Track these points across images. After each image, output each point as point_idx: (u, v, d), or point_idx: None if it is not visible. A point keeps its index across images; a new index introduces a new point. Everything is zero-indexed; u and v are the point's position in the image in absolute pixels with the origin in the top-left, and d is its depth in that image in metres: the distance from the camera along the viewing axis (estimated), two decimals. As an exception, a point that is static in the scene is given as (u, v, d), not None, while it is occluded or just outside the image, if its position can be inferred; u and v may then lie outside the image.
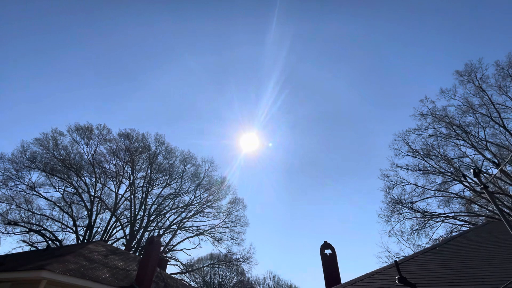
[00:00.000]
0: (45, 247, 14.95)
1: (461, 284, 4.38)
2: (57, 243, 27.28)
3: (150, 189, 34.22)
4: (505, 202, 22.63)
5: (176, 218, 34.03)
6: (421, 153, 26.67)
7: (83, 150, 31.57)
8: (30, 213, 27.23)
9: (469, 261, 5.46)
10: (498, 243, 6.38)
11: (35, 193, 28.10)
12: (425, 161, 26.34)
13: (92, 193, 31.13)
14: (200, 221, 34.44)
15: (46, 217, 28.23)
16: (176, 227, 33.47)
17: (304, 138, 73.89)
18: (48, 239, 27.19)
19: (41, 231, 27.21)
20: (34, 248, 24.59)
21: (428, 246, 18.97)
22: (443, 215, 24.14)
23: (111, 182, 33.06)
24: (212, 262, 42.37)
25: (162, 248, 31.01)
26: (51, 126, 44.31)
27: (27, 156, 28.06)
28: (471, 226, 20.44)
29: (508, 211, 21.23)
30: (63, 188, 29.92)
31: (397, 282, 4.73)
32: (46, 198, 28.65)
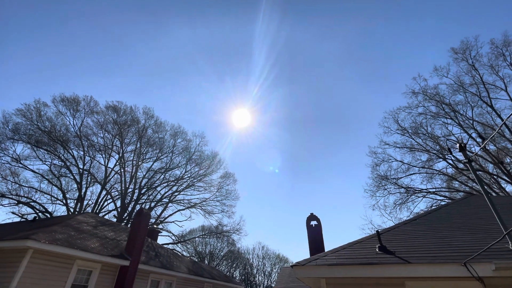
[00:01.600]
0: (32, 219, 14.89)
1: (437, 252, 4.57)
2: (48, 215, 27.33)
3: (140, 162, 34.02)
4: (484, 180, 23.71)
5: (167, 192, 34.37)
6: (410, 131, 27.14)
7: (69, 122, 30.60)
8: (17, 185, 26.87)
9: (447, 232, 5.70)
10: (476, 216, 6.66)
11: (20, 165, 27.51)
12: (413, 139, 26.90)
13: (81, 166, 30.75)
14: (191, 195, 34.94)
15: (34, 190, 27.96)
16: (167, 200, 33.91)
17: (296, 113, 73.64)
18: (38, 211, 27.17)
19: (30, 203, 27.07)
20: (23, 220, 24.56)
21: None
22: (425, 190, 25.21)
23: (100, 156, 32.62)
24: (203, 233, 43.78)
25: (153, 220, 31.60)
26: (34, 97, 42.34)
27: (10, 127, 27.03)
28: (450, 201, 21.48)
29: (486, 187, 22.31)
30: (50, 161, 29.37)
31: (377, 250, 4.90)
32: (32, 171, 28.16)
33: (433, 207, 23.70)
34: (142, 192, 33.16)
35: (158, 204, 33.58)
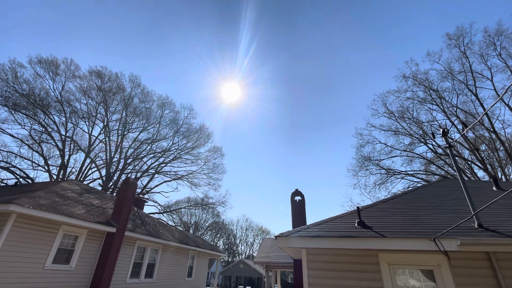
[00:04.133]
0: (14, 184, 14.57)
1: (410, 228, 4.93)
2: (29, 181, 26.77)
3: (126, 132, 33.25)
4: (460, 165, 25.06)
5: (153, 163, 34.18)
6: (396, 115, 27.76)
7: (49, 86, 28.93)
8: (-6, 149, 25.82)
9: (421, 211, 6.11)
10: (448, 197, 7.14)
11: (-2, 128, 26.23)
12: (398, 122, 27.61)
13: (63, 133, 29.70)
14: (178, 167, 34.98)
15: (14, 155, 27.02)
16: (154, 171, 33.86)
17: (286, 89, 72.91)
18: (19, 177, 26.50)
19: (10, 168, 26.28)
20: (3, 185, 23.97)
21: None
22: (404, 172, 26.48)
23: (84, 123, 31.51)
24: (189, 204, 44.66)
25: (139, 190, 31.71)
26: (8, 56, 39.30)
27: (-17, 88, 25.29)
28: (426, 183, 22.76)
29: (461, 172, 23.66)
30: (29, 125, 28.10)
31: (356, 225, 5.22)
32: (11, 135, 26.98)
33: (409, 188, 25.05)
34: (128, 162, 32.82)
35: (144, 174, 33.52)
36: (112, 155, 31.78)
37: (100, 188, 29.61)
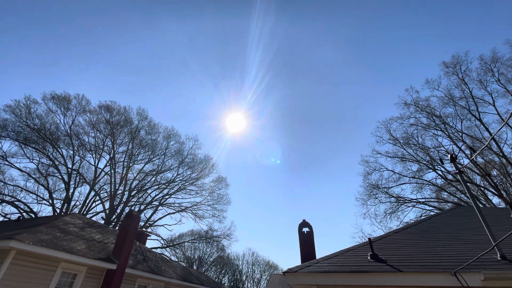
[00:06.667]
0: (16, 218, 14.42)
1: (427, 261, 4.61)
2: (32, 215, 26.48)
3: (131, 164, 33.48)
4: (472, 191, 24.21)
5: (157, 194, 33.82)
6: (401, 141, 27.62)
7: (60, 120, 29.97)
8: (2, 183, 26.01)
9: (436, 241, 5.76)
10: (465, 226, 6.77)
11: (7, 163, 26.70)
12: (404, 149, 27.37)
13: (70, 166, 30.02)
14: (182, 198, 34.47)
15: (20, 189, 27.12)
16: (158, 203, 33.36)
17: (291, 119, 74.13)
18: (22, 211, 26.30)
19: (15, 202, 26.21)
20: (6, 220, 23.74)
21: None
22: (415, 200, 25.57)
23: (90, 156, 31.96)
24: (193, 238, 43.14)
25: (142, 223, 30.99)
26: (24, 93, 41.45)
27: (-3, 123, 26.28)
28: (440, 211, 21.85)
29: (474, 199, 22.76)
30: (37, 159, 28.58)
31: (369, 258, 4.91)
32: (19, 169, 27.34)
33: (422, 217, 24.02)
34: (132, 194, 32.56)
35: (148, 207, 32.99)
36: (117, 187, 31.66)
37: (103, 221, 29.04)
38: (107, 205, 30.61)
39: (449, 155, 5.45)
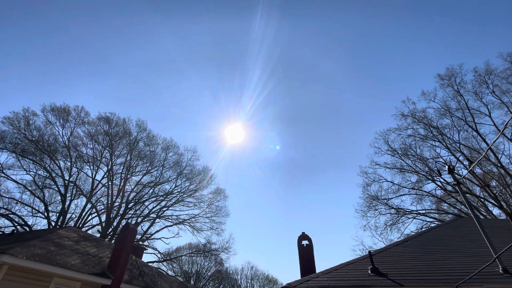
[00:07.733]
0: (10, 232, 14.14)
1: (429, 274, 4.53)
2: (27, 228, 25.97)
3: (129, 176, 33.21)
4: (472, 202, 24.08)
5: (155, 207, 33.37)
6: (399, 152, 27.69)
7: (58, 132, 29.93)
8: (-3, 196, 25.65)
9: (438, 254, 5.68)
10: (465, 238, 6.70)
11: (3, 175, 26.43)
12: (403, 160, 27.39)
13: (67, 178, 29.72)
14: (180, 210, 34.00)
15: (15, 201, 26.71)
16: (155, 216, 32.86)
17: (290, 129, 74.38)
18: (16, 224, 25.81)
19: (9, 215, 25.74)
20: (0, 233, 23.26)
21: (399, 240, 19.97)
22: (415, 211, 25.36)
23: (88, 167, 31.72)
24: (190, 251, 42.24)
25: (139, 237, 30.42)
26: (22, 105, 41.64)
27: (-5, 136, 26.22)
28: (440, 223, 21.66)
29: (474, 210, 22.63)
30: (34, 171, 28.31)
31: (369, 272, 4.82)
32: (15, 181, 27.02)
33: (423, 229, 23.73)
34: (129, 206, 32.13)
35: (145, 219, 32.48)
36: (114, 200, 31.27)
37: (99, 234, 28.49)
38: (103, 217, 30.12)
39: (446, 166, 5.46)
